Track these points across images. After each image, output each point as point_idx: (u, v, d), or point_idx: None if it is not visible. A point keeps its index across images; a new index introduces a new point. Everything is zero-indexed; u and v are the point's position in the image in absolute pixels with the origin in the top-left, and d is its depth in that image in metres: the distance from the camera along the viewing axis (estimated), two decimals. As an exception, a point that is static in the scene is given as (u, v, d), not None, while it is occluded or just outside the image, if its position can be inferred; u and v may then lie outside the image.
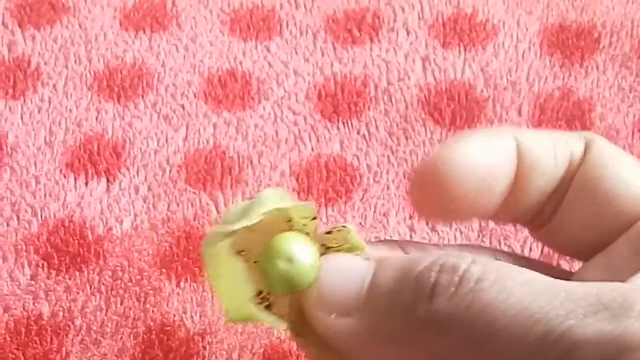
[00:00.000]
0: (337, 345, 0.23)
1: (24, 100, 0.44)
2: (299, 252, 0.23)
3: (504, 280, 0.21)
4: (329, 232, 0.25)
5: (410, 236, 0.40)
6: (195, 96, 0.44)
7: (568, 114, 0.43)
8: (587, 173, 0.25)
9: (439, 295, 0.21)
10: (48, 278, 0.38)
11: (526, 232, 0.34)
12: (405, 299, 0.22)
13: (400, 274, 0.22)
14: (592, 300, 0.20)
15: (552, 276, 0.22)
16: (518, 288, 0.21)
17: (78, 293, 0.38)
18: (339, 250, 0.24)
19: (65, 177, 0.41)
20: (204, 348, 0.36)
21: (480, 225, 0.40)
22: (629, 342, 0.19)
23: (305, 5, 0.48)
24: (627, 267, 0.23)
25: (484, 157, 0.25)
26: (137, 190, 0.41)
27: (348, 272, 0.23)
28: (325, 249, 0.24)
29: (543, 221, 0.27)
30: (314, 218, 0.24)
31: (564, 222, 0.26)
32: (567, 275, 0.26)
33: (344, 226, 0.24)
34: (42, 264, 0.39)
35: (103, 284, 0.38)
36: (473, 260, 0.21)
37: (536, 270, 0.22)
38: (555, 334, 0.20)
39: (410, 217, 0.40)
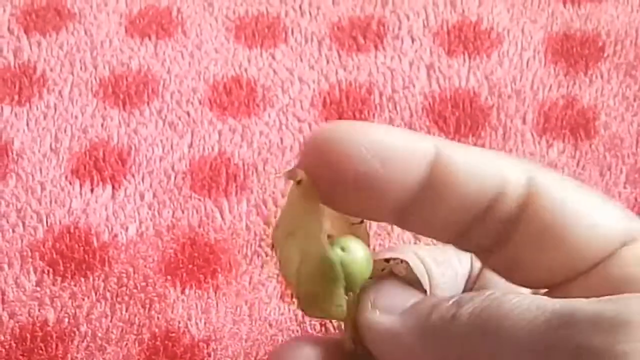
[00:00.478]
0: (373, 341, 0.25)
1: (30, 107, 0.44)
2: (352, 244, 0.24)
3: (521, 299, 0.22)
4: (387, 260, 0.26)
5: (415, 244, 0.40)
6: (200, 103, 0.44)
7: (572, 122, 0.43)
8: (538, 217, 0.25)
9: (464, 306, 0.23)
10: (53, 284, 0.38)
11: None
12: (442, 308, 0.23)
13: (438, 301, 0.24)
14: (592, 299, 0.21)
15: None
16: (529, 297, 0.22)
17: (83, 299, 0.38)
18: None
19: (70, 183, 0.41)
20: (209, 355, 0.36)
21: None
22: (624, 319, 0.20)
23: (310, 13, 0.48)
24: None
25: (386, 138, 0.24)
26: (142, 197, 0.41)
27: (403, 288, 0.25)
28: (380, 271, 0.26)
29: (480, 248, 0.27)
30: (362, 221, 0.25)
31: (518, 261, 0.26)
32: None
33: (402, 260, 0.26)
34: (48, 271, 0.39)
35: (108, 290, 0.38)
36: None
37: None
38: (561, 312, 0.21)
39: (415, 225, 0.40)
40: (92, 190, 0.41)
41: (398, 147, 0.25)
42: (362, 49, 0.47)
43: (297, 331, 0.37)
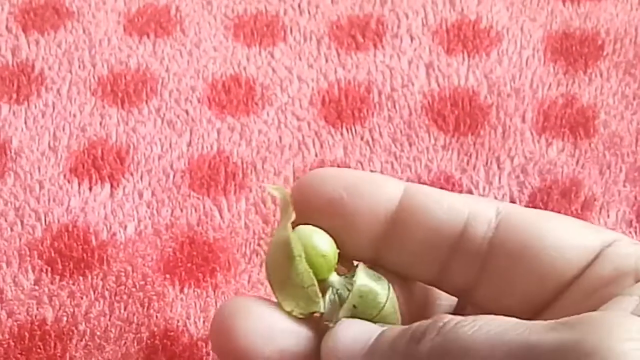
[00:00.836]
0: None
1: (28, 105, 0.44)
2: (316, 235, 0.27)
3: (478, 320, 0.23)
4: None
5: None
6: (199, 101, 0.44)
7: (572, 121, 0.43)
8: (510, 240, 0.27)
9: (425, 337, 0.24)
10: (52, 283, 0.38)
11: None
12: (401, 345, 0.24)
13: (400, 332, 0.25)
14: (552, 322, 0.22)
15: None
16: (489, 324, 0.23)
17: (82, 298, 0.38)
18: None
19: (69, 182, 0.41)
20: (208, 354, 0.36)
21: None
22: (586, 348, 0.20)
23: (309, 12, 0.48)
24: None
25: (353, 174, 0.28)
26: (140, 195, 0.41)
27: (361, 330, 0.26)
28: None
29: (463, 285, 0.28)
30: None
31: (500, 289, 0.27)
32: None
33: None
34: (46, 269, 0.39)
35: (107, 289, 0.38)
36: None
37: None
38: (519, 346, 0.21)
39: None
40: (90, 189, 0.41)
41: (365, 180, 0.28)
42: (361, 48, 0.46)
43: (296, 330, 0.37)
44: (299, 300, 0.27)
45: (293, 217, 0.27)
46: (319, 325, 0.27)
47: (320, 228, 0.27)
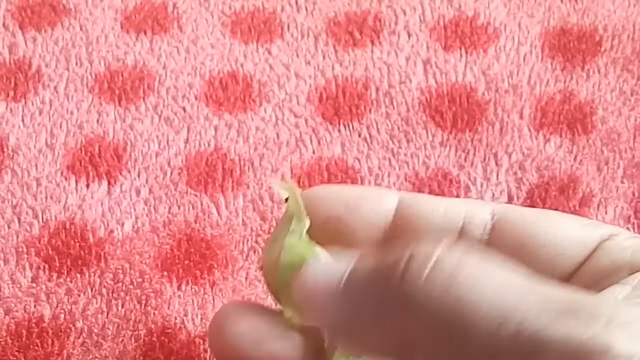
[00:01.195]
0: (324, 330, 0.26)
1: (25, 103, 0.44)
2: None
3: (478, 276, 0.22)
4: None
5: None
6: (196, 98, 0.44)
7: (570, 117, 0.43)
8: (507, 238, 0.27)
9: (408, 280, 0.22)
10: (49, 280, 0.38)
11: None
12: (379, 284, 0.23)
13: (375, 264, 0.23)
14: (563, 306, 0.21)
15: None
16: (492, 286, 0.21)
17: (79, 295, 0.38)
18: None
19: (66, 179, 0.41)
20: (205, 351, 0.36)
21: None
22: (594, 347, 0.20)
23: (306, 8, 0.48)
24: None
25: (349, 190, 0.29)
26: (138, 192, 0.41)
27: (329, 269, 0.25)
28: None
29: None
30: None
31: None
32: None
33: None
34: (44, 267, 0.39)
35: (104, 286, 0.38)
36: (450, 249, 0.22)
37: None
38: (526, 333, 0.21)
39: (412, 220, 0.40)
40: (87, 186, 0.41)
41: (361, 195, 0.29)
42: (358, 44, 0.46)
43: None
44: (298, 310, 0.26)
45: (308, 223, 0.27)
46: (315, 332, 0.27)
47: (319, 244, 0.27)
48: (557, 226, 0.28)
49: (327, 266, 0.25)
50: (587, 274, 0.27)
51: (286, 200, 0.27)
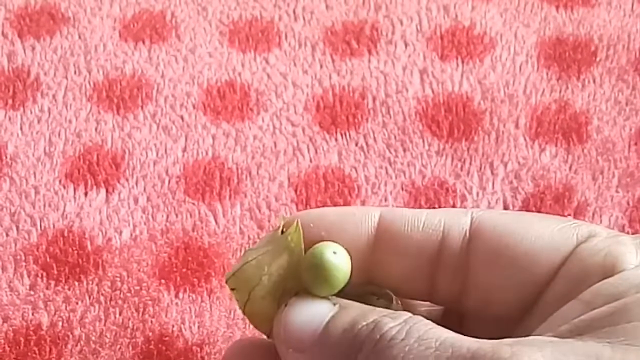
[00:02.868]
0: None
1: (24, 111, 0.44)
2: (340, 250, 0.27)
3: (409, 340, 0.24)
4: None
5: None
6: (194, 107, 0.44)
7: (565, 126, 0.44)
8: (485, 243, 0.28)
9: (362, 351, 0.25)
10: (47, 288, 0.38)
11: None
12: (343, 351, 0.25)
13: (348, 326, 0.26)
14: (467, 357, 0.23)
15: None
16: (415, 348, 0.24)
17: (77, 303, 0.38)
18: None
19: (64, 187, 0.42)
20: (202, 359, 0.37)
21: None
22: None
23: (304, 17, 0.48)
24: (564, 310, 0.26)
25: (330, 213, 0.29)
26: (136, 200, 0.41)
27: (311, 314, 0.26)
28: None
29: (451, 295, 0.29)
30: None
31: (480, 292, 0.28)
32: None
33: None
34: (41, 274, 0.39)
35: (102, 294, 0.38)
36: (403, 321, 0.25)
37: None
38: None
39: (408, 229, 0.40)
40: (86, 194, 0.41)
41: (342, 215, 0.29)
42: (355, 54, 0.47)
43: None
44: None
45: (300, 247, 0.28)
46: None
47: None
48: (532, 233, 0.27)
49: (308, 310, 0.27)
50: (562, 282, 0.27)
51: (282, 231, 0.28)
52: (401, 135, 0.43)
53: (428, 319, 0.25)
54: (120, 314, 0.38)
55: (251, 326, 0.34)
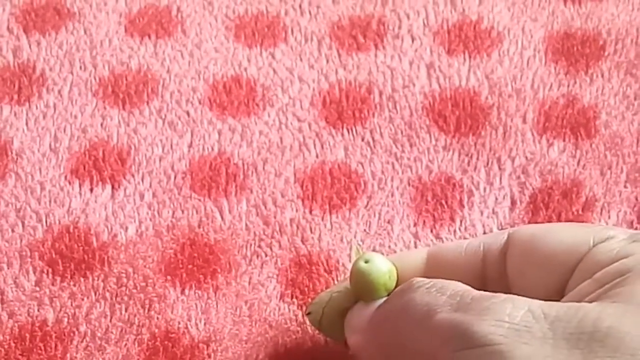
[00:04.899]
0: (355, 353, 0.34)
1: (29, 106, 0.44)
2: (375, 258, 0.33)
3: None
4: None
5: (415, 243, 0.40)
6: (200, 103, 0.44)
7: (573, 121, 0.43)
8: (516, 252, 0.32)
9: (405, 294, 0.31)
10: (53, 284, 0.38)
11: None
12: (388, 311, 0.32)
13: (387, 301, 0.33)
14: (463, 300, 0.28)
15: None
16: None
17: (83, 299, 0.38)
18: None
19: (70, 183, 0.41)
20: (209, 356, 0.36)
21: (484, 231, 0.40)
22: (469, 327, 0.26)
23: (310, 12, 0.48)
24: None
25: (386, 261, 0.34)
26: (142, 196, 0.41)
27: (365, 309, 0.33)
28: None
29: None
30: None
31: (517, 292, 0.30)
32: None
33: None
34: (47, 270, 0.39)
35: (108, 290, 0.38)
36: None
37: None
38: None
39: (415, 225, 0.40)
40: (91, 190, 0.41)
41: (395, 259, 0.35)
42: (362, 48, 0.46)
43: (298, 332, 0.37)
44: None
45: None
46: None
47: None
48: (555, 237, 0.30)
49: (364, 308, 0.33)
50: (578, 275, 0.29)
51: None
52: (408, 130, 0.43)
53: None
54: (126, 311, 0.38)
55: (256, 323, 0.33)
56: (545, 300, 0.27)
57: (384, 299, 0.33)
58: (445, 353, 0.27)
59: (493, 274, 0.32)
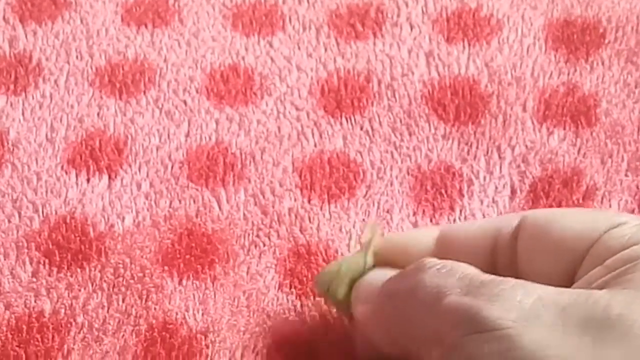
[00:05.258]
0: (360, 323, 0.34)
1: (25, 96, 0.44)
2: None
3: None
4: None
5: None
6: (197, 92, 0.44)
7: (573, 109, 0.43)
8: (528, 234, 0.31)
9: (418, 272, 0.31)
10: (49, 275, 0.38)
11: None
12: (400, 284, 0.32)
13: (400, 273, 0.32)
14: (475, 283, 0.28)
15: None
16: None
17: (80, 290, 0.38)
18: None
19: (66, 173, 0.41)
20: (207, 346, 0.36)
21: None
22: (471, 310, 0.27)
23: (308, 0, 0.48)
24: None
25: (400, 238, 0.36)
26: (139, 186, 0.41)
27: (375, 276, 0.33)
28: None
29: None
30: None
31: (528, 278, 0.30)
32: None
33: None
34: (44, 261, 0.38)
35: (105, 281, 0.38)
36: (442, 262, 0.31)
37: None
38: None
39: (414, 214, 0.40)
40: (88, 180, 0.41)
41: (408, 241, 0.35)
42: (360, 37, 0.46)
43: (296, 322, 0.37)
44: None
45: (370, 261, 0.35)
46: None
47: None
48: (565, 222, 0.30)
49: (377, 274, 0.34)
50: (589, 260, 0.29)
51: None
52: (407, 119, 0.43)
53: None
54: (123, 301, 0.37)
55: (254, 314, 0.33)
56: (556, 285, 0.27)
57: (395, 272, 0.33)
58: (454, 336, 0.27)
59: (503, 257, 0.32)
